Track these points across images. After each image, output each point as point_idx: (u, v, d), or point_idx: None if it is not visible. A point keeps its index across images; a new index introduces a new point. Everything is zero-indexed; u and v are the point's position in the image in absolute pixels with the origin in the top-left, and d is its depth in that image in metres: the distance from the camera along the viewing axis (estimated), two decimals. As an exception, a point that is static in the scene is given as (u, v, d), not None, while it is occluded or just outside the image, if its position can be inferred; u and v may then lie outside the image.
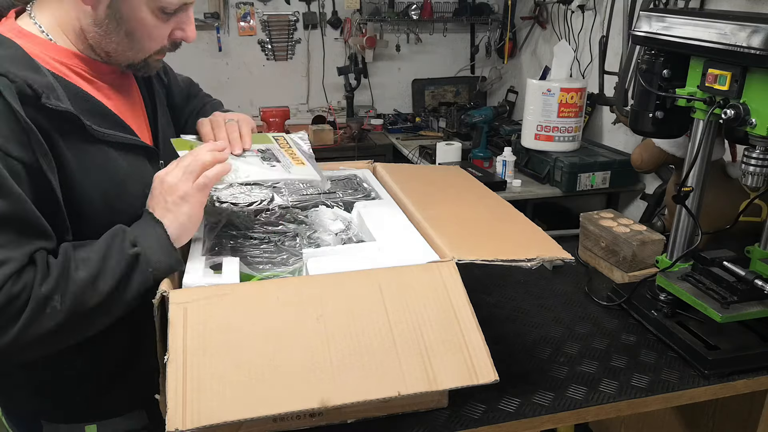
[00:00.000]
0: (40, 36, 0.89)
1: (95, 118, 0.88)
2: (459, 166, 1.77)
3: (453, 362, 0.82)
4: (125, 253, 0.83)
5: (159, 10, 0.89)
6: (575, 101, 2.42)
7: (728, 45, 1.04)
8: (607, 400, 1.04)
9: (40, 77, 0.81)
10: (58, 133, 0.83)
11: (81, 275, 0.80)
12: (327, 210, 1.19)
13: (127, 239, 0.84)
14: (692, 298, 1.14)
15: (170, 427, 0.70)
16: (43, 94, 0.80)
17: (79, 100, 0.87)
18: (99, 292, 0.81)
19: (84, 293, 0.80)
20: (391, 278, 0.90)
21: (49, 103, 0.81)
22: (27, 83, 0.79)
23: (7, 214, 0.77)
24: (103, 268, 0.82)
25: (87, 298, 0.80)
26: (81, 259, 0.82)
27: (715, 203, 1.47)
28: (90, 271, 0.81)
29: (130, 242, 0.84)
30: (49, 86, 0.82)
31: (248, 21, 3.41)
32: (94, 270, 0.81)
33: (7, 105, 0.77)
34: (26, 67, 0.81)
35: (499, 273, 1.50)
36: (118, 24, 0.88)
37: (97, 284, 0.81)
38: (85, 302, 0.80)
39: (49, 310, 0.78)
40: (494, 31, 3.70)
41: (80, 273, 0.80)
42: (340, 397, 0.77)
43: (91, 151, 0.88)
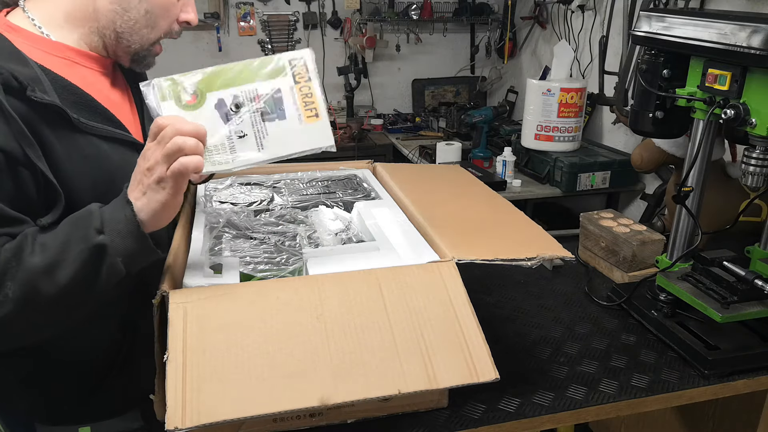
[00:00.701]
0: (32, 30, 0.89)
1: (84, 111, 0.87)
2: (459, 166, 1.77)
3: (453, 361, 0.82)
4: (89, 242, 0.76)
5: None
6: (575, 101, 2.42)
7: (728, 45, 1.04)
8: (607, 400, 1.04)
9: (26, 69, 0.81)
10: (45, 124, 0.82)
11: (35, 261, 0.74)
12: (327, 210, 1.19)
13: (93, 225, 0.77)
14: (692, 298, 1.14)
15: (170, 425, 0.70)
16: (29, 86, 0.80)
17: (67, 93, 0.86)
18: (56, 283, 0.75)
19: (37, 281, 0.74)
20: (391, 278, 0.90)
21: (35, 95, 0.80)
22: (13, 75, 0.79)
23: None
24: (61, 257, 0.75)
25: (41, 288, 0.75)
26: (39, 243, 0.76)
27: (715, 203, 1.47)
28: (46, 259, 0.75)
29: (95, 229, 0.77)
30: (35, 78, 0.81)
31: (248, 21, 3.41)
32: (51, 257, 0.75)
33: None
34: (12, 60, 0.81)
35: (499, 273, 1.50)
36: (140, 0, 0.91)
37: (54, 273, 0.75)
38: (39, 292, 0.75)
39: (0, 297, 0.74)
40: (494, 31, 3.70)
41: (35, 259, 0.75)
42: (341, 395, 0.77)
43: (81, 143, 0.86)
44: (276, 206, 1.21)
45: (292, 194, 1.27)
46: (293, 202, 1.23)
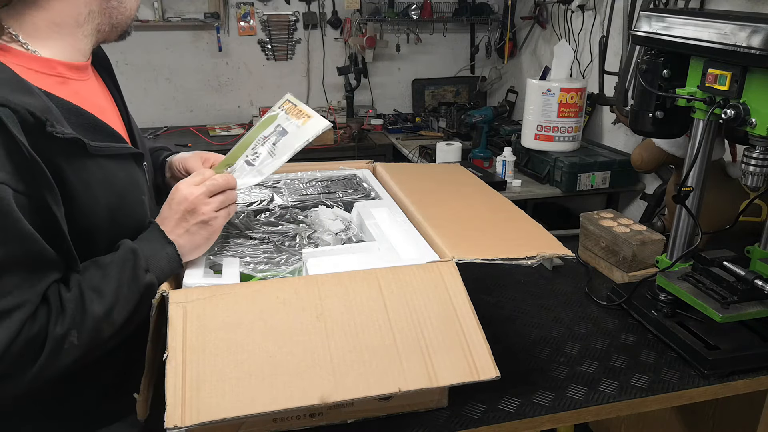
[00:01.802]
0: (19, 48, 0.84)
1: (90, 132, 0.85)
2: (459, 165, 1.77)
3: (453, 359, 0.83)
4: (140, 283, 0.84)
5: None
6: (575, 101, 2.42)
7: (728, 45, 1.04)
8: (607, 400, 1.04)
9: (36, 101, 0.77)
10: (62, 157, 0.79)
11: (96, 309, 0.80)
12: (327, 210, 1.19)
13: (140, 266, 0.84)
14: (692, 298, 1.14)
15: (169, 423, 0.70)
16: (47, 121, 0.76)
17: (74, 117, 0.84)
18: (114, 323, 0.82)
19: (100, 326, 0.80)
20: (391, 278, 0.90)
21: (55, 131, 0.77)
22: (28, 111, 0.75)
23: (19, 255, 0.74)
24: (117, 299, 0.82)
25: (103, 331, 0.81)
26: (95, 290, 0.81)
27: (715, 203, 1.47)
28: (105, 305, 0.81)
29: (143, 269, 0.84)
30: (46, 109, 0.78)
31: (248, 21, 3.41)
32: (109, 302, 0.81)
33: (11, 138, 0.73)
34: (21, 91, 0.77)
35: (499, 273, 1.50)
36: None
37: (112, 316, 0.81)
38: (101, 334, 0.81)
39: (66, 346, 0.78)
40: (494, 31, 3.70)
41: (95, 307, 0.80)
42: (341, 393, 0.77)
43: (91, 167, 0.84)
44: (276, 206, 1.21)
45: (292, 194, 1.27)
46: (293, 202, 1.23)
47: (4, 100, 0.73)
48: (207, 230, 0.93)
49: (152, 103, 3.39)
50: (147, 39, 3.26)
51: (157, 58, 3.31)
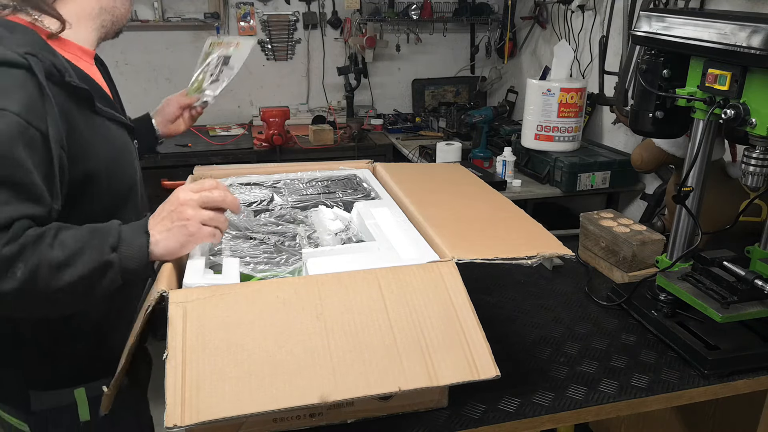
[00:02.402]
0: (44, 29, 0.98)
1: (98, 97, 1.00)
2: (459, 164, 1.77)
3: (454, 358, 0.83)
4: (101, 255, 0.84)
5: None
6: (575, 101, 2.42)
7: (728, 45, 1.04)
8: (607, 400, 1.04)
9: (59, 61, 0.93)
10: (75, 107, 0.94)
11: (50, 254, 0.81)
12: (327, 210, 1.19)
13: (109, 241, 0.85)
14: (692, 298, 1.14)
15: (168, 423, 0.70)
16: (66, 72, 0.92)
17: (86, 82, 0.98)
18: (59, 279, 0.81)
19: (45, 273, 0.80)
20: (391, 278, 0.90)
21: (73, 81, 0.92)
22: (52, 63, 0.90)
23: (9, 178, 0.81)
24: (73, 259, 0.82)
25: (47, 279, 0.81)
26: (59, 240, 0.83)
27: (715, 203, 1.47)
28: (60, 256, 0.81)
29: (110, 246, 0.85)
30: (66, 67, 0.93)
31: (248, 21, 3.41)
32: (64, 256, 0.82)
33: (35, 80, 0.86)
34: (48, 52, 0.92)
35: (499, 273, 1.50)
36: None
37: (61, 271, 0.81)
38: (43, 282, 0.81)
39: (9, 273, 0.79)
40: (494, 31, 3.70)
41: (51, 252, 0.81)
42: (341, 392, 0.77)
43: (98, 123, 0.99)
44: (276, 206, 1.21)
45: (291, 194, 1.27)
46: (293, 202, 1.23)
47: (35, 52, 0.88)
48: (184, 236, 0.90)
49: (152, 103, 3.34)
50: (147, 39, 3.26)
51: (157, 58, 3.31)
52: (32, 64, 0.86)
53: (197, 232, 0.91)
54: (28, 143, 0.83)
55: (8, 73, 0.84)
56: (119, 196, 1.04)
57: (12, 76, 0.84)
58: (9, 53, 0.85)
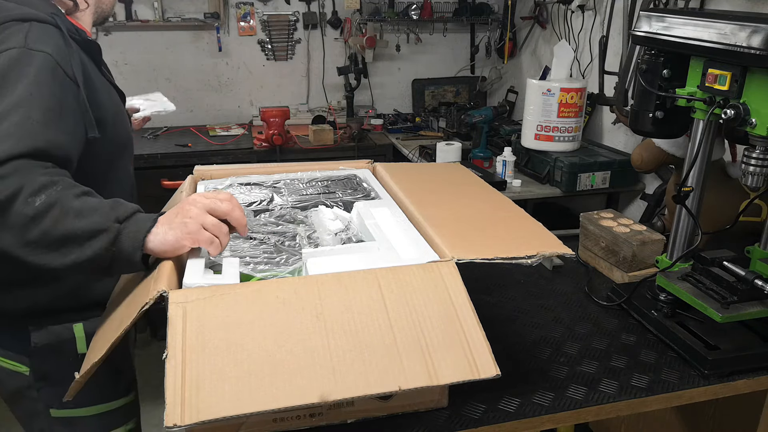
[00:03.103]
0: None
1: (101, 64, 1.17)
2: (459, 164, 1.77)
3: (454, 357, 0.83)
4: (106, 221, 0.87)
5: None
6: (575, 101, 2.42)
7: (728, 45, 1.04)
8: (607, 400, 1.04)
9: (71, 25, 1.09)
10: (89, 61, 1.10)
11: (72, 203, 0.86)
12: (326, 210, 1.19)
13: (120, 212, 0.88)
14: (692, 298, 1.14)
15: (168, 422, 0.70)
16: (82, 32, 1.12)
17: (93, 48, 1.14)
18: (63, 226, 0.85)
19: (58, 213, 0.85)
20: (390, 277, 0.90)
21: (87, 37, 1.12)
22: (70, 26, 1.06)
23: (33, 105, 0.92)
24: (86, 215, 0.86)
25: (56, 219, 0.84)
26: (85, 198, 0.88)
27: (715, 203, 1.47)
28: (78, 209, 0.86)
29: (117, 215, 0.88)
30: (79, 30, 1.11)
31: (248, 21, 3.41)
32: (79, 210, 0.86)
33: (62, 35, 1.02)
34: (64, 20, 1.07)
35: (499, 273, 1.50)
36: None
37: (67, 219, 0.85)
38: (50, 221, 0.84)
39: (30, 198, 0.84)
40: (494, 31, 3.70)
41: (74, 202, 0.86)
42: (341, 391, 0.77)
43: (102, 81, 1.14)
44: (276, 206, 1.21)
45: (291, 194, 1.27)
46: (293, 202, 1.23)
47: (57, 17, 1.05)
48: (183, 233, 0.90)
49: (152, 103, 3.38)
50: (147, 39, 3.26)
51: (157, 58, 3.31)
52: (59, 21, 1.03)
53: (196, 232, 0.90)
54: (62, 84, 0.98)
55: (43, 27, 1.00)
56: (119, 146, 1.18)
57: (46, 30, 1.00)
58: (41, 14, 1.02)
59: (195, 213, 0.91)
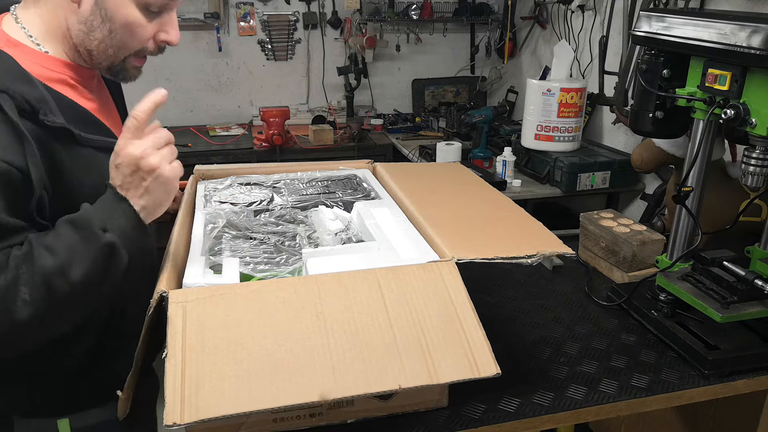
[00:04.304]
0: (30, 44, 0.91)
1: (82, 125, 0.92)
2: (459, 163, 1.77)
3: (454, 356, 0.83)
4: (97, 241, 0.81)
5: (143, 7, 0.91)
6: (575, 101, 2.42)
7: (728, 45, 1.04)
8: (607, 400, 1.04)
9: (34, 91, 0.85)
10: (54, 141, 0.87)
11: (47, 263, 0.78)
12: (327, 210, 1.19)
13: (95, 224, 0.82)
14: (692, 298, 1.14)
15: (168, 421, 0.70)
16: (40, 110, 0.84)
17: (69, 110, 0.91)
18: (70, 281, 0.79)
19: (52, 282, 0.78)
20: (390, 277, 0.90)
21: (47, 120, 0.85)
22: (25, 99, 0.83)
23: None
24: (71, 256, 0.79)
25: (57, 287, 0.78)
26: (46, 247, 0.80)
27: (715, 203, 1.47)
28: (57, 260, 0.79)
29: (99, 228, 0.81)
30: (42, 100, 0.85)
31: (248, 21, 3.41)
32: (61, 259, 0.79)
33: (6, 118, 0.80)
34: (21, 81, 0.84)
35: (499, 273, 1.50)
36: (103, 21, 0.90)
37: (67, 273, 0.79)
38: (55, 290, 0.78)
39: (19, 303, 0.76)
40: (494, 31, 3.70)
41: (45, 261, 0.78)
42: (340, 390, 0.77)
43: (82, 154, 0.92)
44: (276, 206, 1.21)
45: (291, 194, 1.27)
46: (293, 202, 1.23)
47: (4, 87, 0.81)
48: (164, 185, 0.86)
49: (152, 103, 3.38)
50: (147, 39, 3.26)
51: (157, 58, 3.27)
52: (2, 102, 0.80)
53: (172, 174, 0.86)
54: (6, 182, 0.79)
55: None
56: None
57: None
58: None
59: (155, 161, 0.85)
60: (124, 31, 0.92)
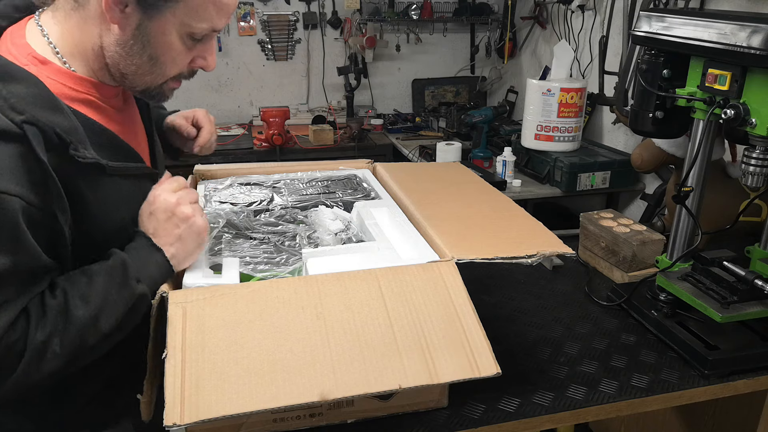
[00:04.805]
0: (56, 62, 0.87)
1: (109, 151, 0.88)
2: (459, 163, 1.77)
3: (454, 356, 0.83)
4: (130, 292, 0.82)
5: (188, 36, 0.87)
6: (575, 101, 2.42)
7: (728, 45, 1.04)
8: (607, 400, 1.04)
9: (65, 121, 0.80)
10: (81, 176, 0.83)
11: (80, 314, 0.78)
12: (327, 210, 1.19)
13: (131, 275, 0.83)
14: (692, 298, 1.14)
15: (168, 421, 0.70)
16: (71, 144, 0.80)
17: (96, 136, 0.87)
18: (100, 330, 0.80)
19: (85, 334, 0.79)
20: (390, 277, 0.90)
21: (77, 154, 0.80)
22: (54, 131, 0.78)
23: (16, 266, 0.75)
24: (104, 307, 0.80)
25: (88, 339, 0.79)
26: (80, 297, 0.80)
27: (715, 203, 1.47)
28: (90, 311, 0.79)
29: (134, 279, 0.83)
30: (73, 130, 0.81)
31: (248, 21, 3.41)
32: (94, 309, 0.79)
33: (33, 154, 0.76)
34: (51, 109, 0.79)
35: (499, 273, 1.50)
36: (144, 47, 0.85)
37: (98, 323, 0.80)
38: (86, 342, 0.79)
39: (48, 354, 0.76)
40: (494, 31, 3.70)
41: (80, 312, 0.78)
42: (341, 390, 0.77)
43: (108, 185, 0.88)
44: (276, 206, 1.21)
45: (291, 194, 1.27)
46: (293, 202, 1.23)
47: (33, 119, 0.76)
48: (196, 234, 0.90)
49: (152, 103, 3.38)
50: (147, 39, 3.26)
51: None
52: (30, 136, 0.75)
53: (203, 225, 0.91)
54: (31, 222, 0.76)
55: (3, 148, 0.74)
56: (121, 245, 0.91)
57: (7, 152, 0.74)
58: (3, 121, 0.74)
59: (190, 211, 0.89)
60: (165, 59, 0.88)
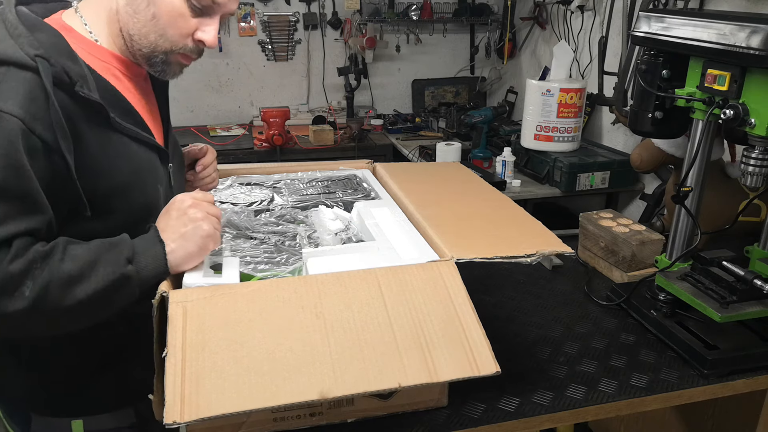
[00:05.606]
0: (83, 32, 0.93)
1: (119, 111, 0.92)
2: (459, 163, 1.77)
3: (454, 355, 0.83)
4: (118, 268, 0.82)
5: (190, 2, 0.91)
6: (574, 101, 2.42)
7: (727, 45, 1.04)
8: (607, 400, 1.04)
9: (76, 67, 0.86)
10: (85, 119, 0.86)
11: (63, 267, 0.79)
12: (327, 210, 1.20)
13: (124, 253, 0.84)
14: (691, 298, 1.14)
15: (168, 419, 0.70)
16: (77, 82, 0.84)
17: (107, 94, 0.91)
18: (73, 295, 0.79)
19: (57, 290, 0.78)
20: (390, 277, 0.90)
21: (82, 91, 0.85)
22: (65, 70, 0.83)
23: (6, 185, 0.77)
24: (87, 273, 0.80)
25: (59, 296, 0.79)
26: (70, 253, 0.81)
27: (714, 203, 1.47)
28: (74, 269, 0.79)
29: (126, 258, 0.83)
30: (83, 76, 0.86)
31: (248, 21, 3.41)
32: (78, 269, 0.80)
33: (41, 86, 0.81)
34: (65, 56, 0.85)
35: (499, 273, 1.50)
36: (148, 4, 0.90)
37: (74, 286, 0.79)
38: (55, 297, 0.79)
39: (17, 292, 0.76)
40: (494, 32, 3.70)
41: (63, 265, 0.79)
42: (340, 389, 0.77)
43: (114, 139, 0.91)
44: (276, 206, 1.21)
45: (292, 194, 1.27)
46: (293, 202, 1.23)
47: (47, 55, 0.82)
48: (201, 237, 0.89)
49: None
50: (147, 39, 3.26)
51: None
52: (41, 67, 0.80)
53: (210, 231, 0.90)
54: (30, 150, 0.79)
55: (14, 74, 0.80)
56: (134, 219, 0.94)
57: (17, 78, 0.80)
58: (18, 53, 0.80)
59: (201, 214, 0.90)
60: (167, 17, 0.91)
